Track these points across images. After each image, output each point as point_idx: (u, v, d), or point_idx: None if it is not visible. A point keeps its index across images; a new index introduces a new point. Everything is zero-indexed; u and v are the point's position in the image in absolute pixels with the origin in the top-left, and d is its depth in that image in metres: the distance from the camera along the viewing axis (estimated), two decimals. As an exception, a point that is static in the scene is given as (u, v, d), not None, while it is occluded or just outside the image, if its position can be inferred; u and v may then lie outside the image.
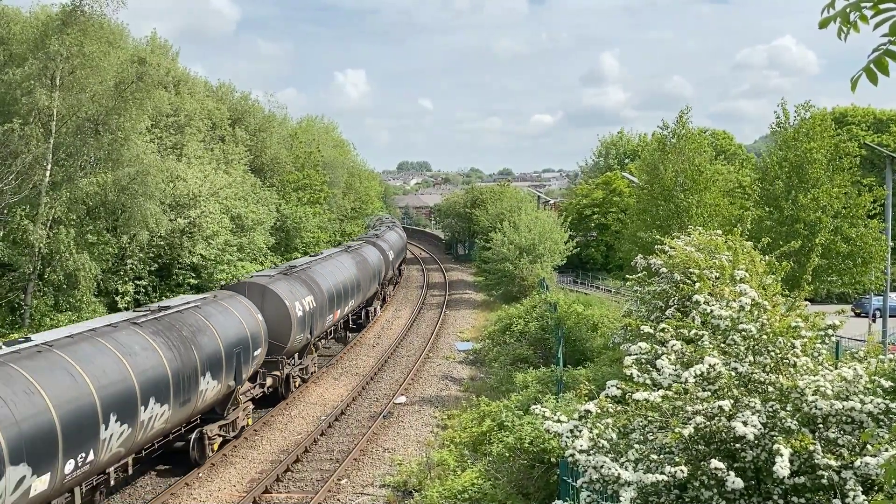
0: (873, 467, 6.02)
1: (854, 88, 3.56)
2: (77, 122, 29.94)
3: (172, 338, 17.99)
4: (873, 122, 61.69)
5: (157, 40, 45.45)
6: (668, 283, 13.13)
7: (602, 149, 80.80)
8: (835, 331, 8.64)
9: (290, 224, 49.68)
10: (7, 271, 29.30)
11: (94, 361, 14.94)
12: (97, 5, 29.55)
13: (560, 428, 7.22)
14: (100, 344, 15.64)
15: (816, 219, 25.37)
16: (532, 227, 49.10)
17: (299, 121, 73.44)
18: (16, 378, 13.01)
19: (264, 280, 26.00)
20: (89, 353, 15.12)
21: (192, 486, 18.91)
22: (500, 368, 29.61)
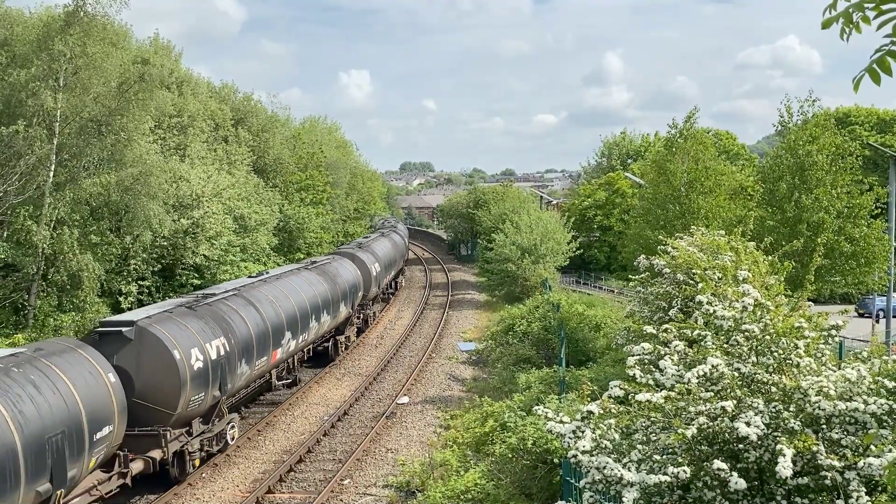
0: (876, 468, 6.01)
1: (857, 89, 3.56)
2: (80, 123, 29.99)
3: (327, 276, 30.34)
4: (876, 122, 61.62)
5: (160, 41, 45.51)
6: (670, 284, 13.12)
7: (605, 149, 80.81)
8: (838, 331, 8.63)
9: (293, 225, 49.72)
10: (11, 272, 29.35)
11: (305, 287, 28.17)
12: (100, 6, 29.61)
13: (563, 428, 7.22)
14: (301, 276, 29.09)
15: (819, 219, 25.33)
16: (534, 228, 49.09)
17: (302, 121, 73.54)
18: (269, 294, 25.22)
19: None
20: (299, 281, 28.38)
21: (194, 486, 18.94)
22: (502, 369, 29.61)
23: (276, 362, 25.36)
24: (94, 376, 15.50)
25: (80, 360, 15.54)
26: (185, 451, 18.80)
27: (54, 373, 14.55)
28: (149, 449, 17.70)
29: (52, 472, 13.81)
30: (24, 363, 14.27)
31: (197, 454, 19.45)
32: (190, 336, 18.99)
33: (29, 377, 13.95)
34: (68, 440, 14.22)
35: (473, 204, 76.51)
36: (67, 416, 14.27)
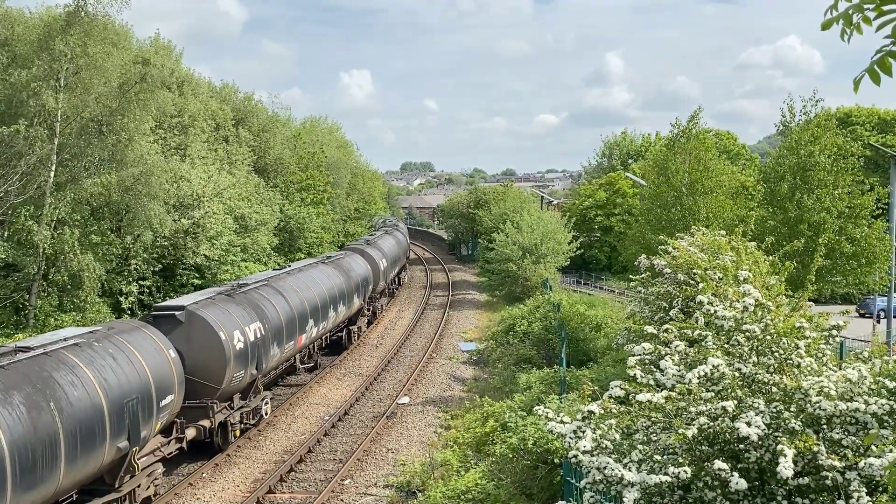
0: (877, 468, 6.01)
1: (857, 89, 3.56)
2: (81, 123, 30.02)
3: (341, 270, 34.24)
4: (877, 122, 61.62)
5: (161, 41, 45.54)
6: (671, 284, 13.12)
7: (605, 149, 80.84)
8: (839, 331, 8.63)
9: (293, 225, 49.74)
10: (12, 272, 29.37)
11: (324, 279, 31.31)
12: (100, 6, 29.64)
13: (563, 429, 7.23)
14: (320, 269, 32.35)
15: (820, 219, 25.32)
16: (535, 228, 49.10)
17: (303, 121, 73.58)
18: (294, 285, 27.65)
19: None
20: (318, 274, 31.48)
21: (195, 485, 18.96)
22: (503, 369, 29.62)
23: (300, 347, 27.67)
24: (158, 352, 17.67)
25: (146, 337, 17.76)
26: (227, 422, 21.07)
27: (127, 347, 16.72)
28: (199, 419, 19.80)
29: (129, 432, 15.87)
30: (102, 339, 16.43)
31: (238, 425, 21.81)
32: (232, 320, 21.23)
33: (108, 350, 16.08)
34: (141, 405, 16.33)
35: (474, 204, 76.53)
36: (140, 385, 16.37)
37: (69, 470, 14.09)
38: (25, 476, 12.83)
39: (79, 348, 15.60)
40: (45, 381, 14.04)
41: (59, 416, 13.84)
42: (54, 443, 13.60)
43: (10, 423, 12.60)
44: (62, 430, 13.84)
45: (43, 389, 13.83)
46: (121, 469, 16.09)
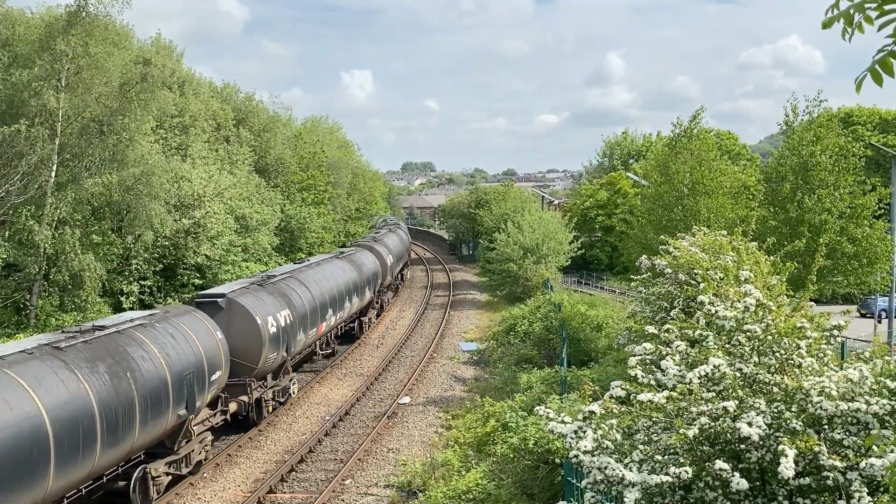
0: (879, 468, 6.00)
1: (858, 89, 3.55)
2: (82, 123, 30.03)
3: (354, 265, 36.88)
4: (879, 122, 61.55)
5: (162, 41, 45.54)
6: (672, 284, 13.11)
7: (606, 149, 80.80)
8: (840, 331, 8.61)
9: (294, 224, 49.75)
10: (13, 271, 29.39)
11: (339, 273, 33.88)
12: (102, 6, 29.65)
13: (564, 429, 7.22)
14: (335, 263, 34.81)
15: (822, 220, 25.29)
16: (536, 228, 49.09)
17: (304, 121, 73.60)
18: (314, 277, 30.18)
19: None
20: (334, 268, 33.83)
21: (196, 485, 18.96)
22: (504, 369, 29.60)
23: (321, 334, 30.34)
24: (208, 333, 19.97)
25: (198, 320, 20.09)
26: (262, 399, 23.52)
27: (183, 328, 18.93)
28: (239, 395, 22.27)
29: (187, 401, 18.04)
30: (162, 320, 18.63)
31: (270, 402, 24.21)
32: (265, 307, 23.68)
33: (168, 330, 18.28)
34: (196, 378, 18.49)
35: (475, 204, 76.52)
36: (195, 361, 18.54)
37: (142, 432, 16.25)
38: (110, 434, 15.02)
39: (144, 328, 17.74)
40: (122, 354, 16.22)
41: (135, 384, 16.06)
42: (131, 407, 15.79)
43: (97, 388, 14.80)
44: (137, 396, 16.01)
45: (121, 361, 16.01)
46: (179, 434, 18.27)
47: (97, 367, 15.12)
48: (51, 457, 13.18)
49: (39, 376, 13.70)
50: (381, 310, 45.41)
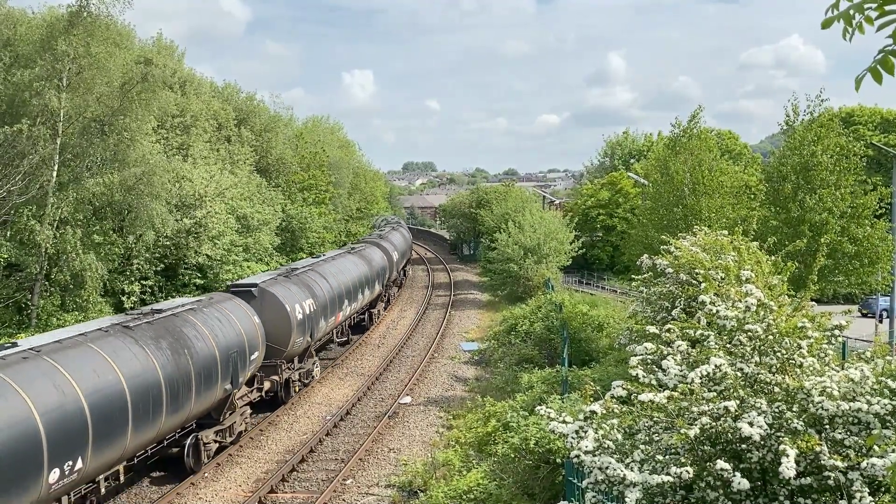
0: (880, 468, 6.00)
1: (858, 87, 3.55)
2: (84, 123, 30.03)
3: (365, 260, 39.71)
4: (880, 121, 61.50)
5: (163, 41, 45.55)
6: (673, 284, 13.11)
7: (607, 149, 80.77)
8: (841, 331, 8.60)
9: (295, 224, 49.74)
10: (14, 271, 29.39)
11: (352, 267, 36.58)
12: (103, 6, 29.66)
13: (565, 428, 7.22)
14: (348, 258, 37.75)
15: (823, 220, 25.27)
16: (537, 228, 49.06)
17: (305, 121, 73.60)
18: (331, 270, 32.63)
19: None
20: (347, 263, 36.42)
21: (197, 485, 18.96)
22: (505, 369, 29.60)
23: (338, 323, 32.94)
24: (248, 317, 22.49)
25: (238, 305, 22.58)
26: (289, 379, 26.02)
27: (227, 312, 21.38)
28: (271, 375, 24.69)
29: (232, 377, 20.35)
30: (208, 305, 21.07)
31: (297, 382, 26.87)
32: (293, 296, 26.18)
33: (214, 314, 20.63)
34: (239, 357, 20.90)
35: (476, 204, 76.51)
36: (237, 341, 20.96)
37: (196, 402, 18.48)
38: (173, 402, 17.14)
39: (195, 311, 19.98)
40: (179, 333, 18.41)
41: (191, 360, 18.23)
42: (189, 380, 17.97)
43: (162, 362, 17.01)
44: (193, 371, 18.19)
45: (179, 340, 18.19)
46: (225, 406, 20.60)
47: (161, 344, 17.43)
48: (129, 418, 15.46)
49: (117, 350, 15.96)
50: (387, 303, 48.12)
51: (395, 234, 60.00)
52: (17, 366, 13.62)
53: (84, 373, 14.61)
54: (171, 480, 19.11)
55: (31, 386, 13.28)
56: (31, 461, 12.83)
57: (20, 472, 12.54)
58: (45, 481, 13.13)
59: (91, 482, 15.23)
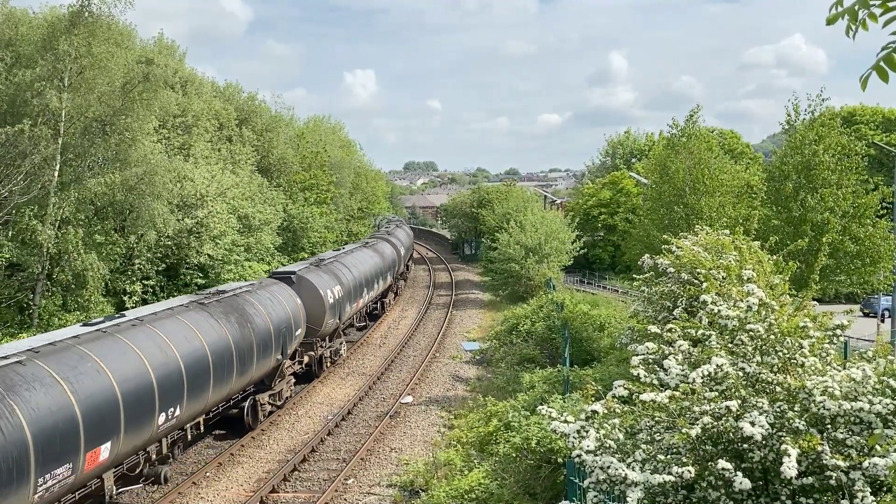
0: (881, 468, 5.99)
1: (864, 87, 3.53)
2: (85, 123, 30.06)
3: (378, 253, 43.52)
4: (881, 121, 61.45)
5: (164, 41, 45.58)
6: (675, 284, 13.09)
7: (609, 148, 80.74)
8: (843, 331, 8.58)
9: (296, 224, 49.76)
10: (16, 271, 29.41)
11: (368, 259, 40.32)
12: (105, 6, 29.68)
13: (567, 428, 7.21)
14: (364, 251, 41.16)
15: (824, 219, 25.25)
16: (538, 227, 49.04)
17: (306, 121, 73.61)
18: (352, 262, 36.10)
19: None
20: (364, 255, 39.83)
21: (199, 485, 18.97)
22: (506, 368, 29.59)
23: (358, 309, 36.69)
24: (293, 299, 25.98)
25: (283, 289, 25.97)
26: (322, 356, 29.90)
27: (276, 294, 24.78)
28: (308, 351, 28.35)
29: (282, 348, 23.76)
30: (259, 288, 24.38)
31: (328, 359, 30.68)
32: (325, 282, 29.94)
33: (265, 295, 23.98)
34: (287, 332, 24.25)
35: (477, 203, 76.49)
36: (286, 318, 24.38)
37: (257, 368, 21.72)
38: (240, 367, 20.40)
39: (251, 292, 23.37)
40: (243, 310, 21.68)
41: (253, 332, 21.47)
42: (251, 349, 21.19)
43: (232, 333, 20.23)
44: (255, 341, 21.43)
45: (243, 315, 21.44)
46: (276, 374, 24.12)
47: (230, 318, 20.70)
48: (210, 378, 18.68)
49: (198, 322, 19.22)
50: (396, 294, 51.95)
51: (399, 232, 63.63)
52: (130, 331, 16.79)
53: (178, 338, 17.86)
54: (171, 483, 19.12)
55: (143, 347, 16.46)
56: (149, 406, 16.05)
57: (142, 413, 15.73)
58: (156, 422, 16.36)
59: (181, 429, 18.44)
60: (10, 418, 12.16)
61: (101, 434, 14.30)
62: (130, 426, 15.27)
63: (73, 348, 14.89)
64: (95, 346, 15.32)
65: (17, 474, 12.04)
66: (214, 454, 21.05)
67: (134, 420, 15.38)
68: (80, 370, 14.33)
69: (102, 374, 14.77)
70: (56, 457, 12.94)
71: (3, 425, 12.01)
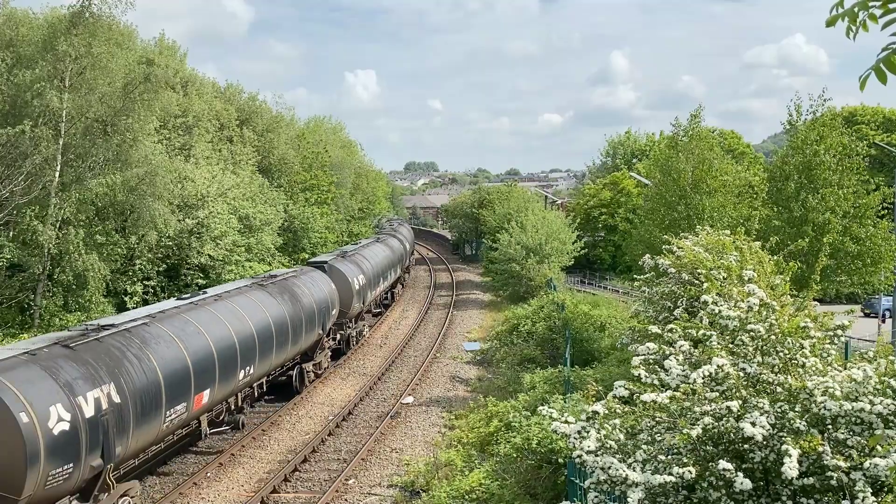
0: (883, 469, 5.99)
1: (863, 87, 3.53)
2: (86, 124, 30.08)
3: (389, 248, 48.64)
4: (882, 121, 61.45)
5: (165, 41, 45.61)
6: (675, 284, 13.10)
7: (609, 149, 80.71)
8: (844, 331, 8.58)
9: (297, 224, 49.78)
10: (17, 272, 29.44)
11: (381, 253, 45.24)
12: (105, 7, 29.70)
13: (568, 428, 7.21)
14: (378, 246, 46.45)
15: (825, 220, 25.23)
16: (539, 228, 49.04)
17: (307, 121, 73.65)
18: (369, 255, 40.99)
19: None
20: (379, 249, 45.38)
21: (200, 485, 18.97)
22: (507, 369, 29.59)
23: (376, 296, 41.51)
24: (328, 283, 30.22)
25: (320, 275, 30.34)
26: (349, 335, 34.21)
27: (315, 279, 29.06)
28: (340, 330, 32.82)
29: (322, 324, 27.90)
30: (301, 274, 28.50)
31: (355, 338, 35.30)
32: (352, 271, 34.54)
33: (307, 280, 28.12)
34: (325, 311, 28.37)
35: (478, 204, 76.50)
36: (324, 299, 28.42)
37: (304, 339, 26.06)
38: (293, 337, 24.61)
39: (297, 276, 27.69)
40: (293, 291, 25.91)
41: (301, 310, 25.51)
42: (300, 323, 25.22)
43: (286, 309, 24.29)
44: (303, 317, 25.49)
45: (293, 295, 25.64)
46: (317, 346, 28.28)
47: (284, 297, 24.86)
48: (274, 343, 22.79)
49: (262, 299, 23.44)
50: (403, 285, 56.56)
51: (402, 228, 70.36)
52: (215, 304, 20.70)
53: (250, 311, 21.89)
54: (175, 478, 19.13)
55: (226, 317, 20.43)
56: (233, 363, 19.86)
57: (229, 368, 19.58)
58: (237, 377, 20.25)
59: (250, 387, 22.28)
60: (148, 364, 16.03)
61: (203, 383, 18.15)
62: (222, 378, 19.22)
63: (179, 315, 18.74)
64: (194, 314, 19.30)
65: (155, 406, 15.98)
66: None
67: (224, 374, 19.33)
68: (188, 332, 18.24)
69: (202, 335, 18.65)
70: (176, 396, 16.82)
71: (146, 368, 15.92)
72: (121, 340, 15.84)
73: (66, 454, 13.12)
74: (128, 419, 14.94)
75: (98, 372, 14.44)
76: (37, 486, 12.59)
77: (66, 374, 13.66)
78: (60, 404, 13.12)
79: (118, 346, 15.57)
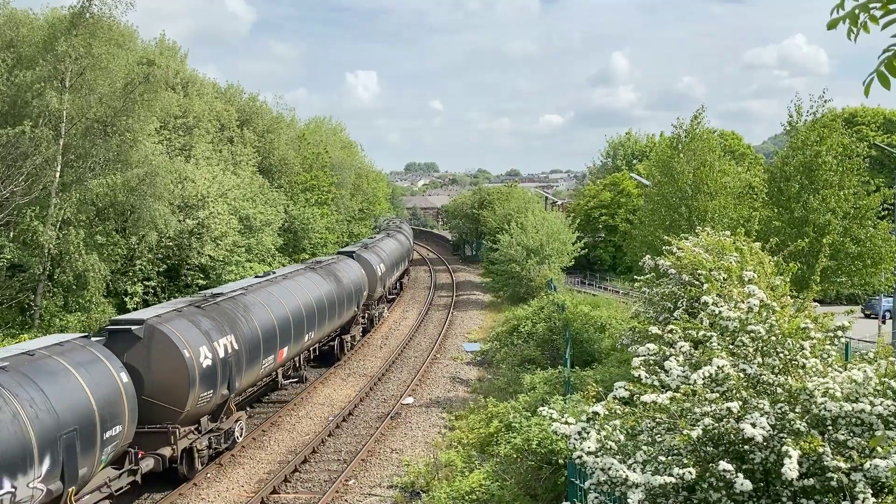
0: (883, 470, 5.99)
1: (867, 92, 3.53)
2: (86, 124, 30.08)
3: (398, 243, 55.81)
4: (883, 122, 61.46)
5: (166, 42, 45.63)
6: (676, 285, 13.10)
7: (610, 149, 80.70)
8: (844, 332, 8.59)
9: (298, 225, 49.78)
10: (17, 272, 29.44)
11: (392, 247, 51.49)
12: (105, 7, 29.71)
13: (568, 429, 7.22)
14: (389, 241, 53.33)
15: (826, 221, 25.22)
16: (539, 228, 49.02)
17: (307, 122, 73.66)
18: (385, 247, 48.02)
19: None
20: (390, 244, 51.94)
21: (200, 486, 18.97)
22: (507, 369, 29.57)
23: (391, 283, 47.15)
24: (359, 269, 36.45)
25: (352, 262, 36.20)
26: (373, 315, 40.34)
27: (349, 265, 34.91)
28: (367, 310, 38.48)
29: (357, 303, 33.71)
30: (338, 261, 34.27)
31: (377, 318, 41.10)
32: (375, 259, 41.01)
33: (344, 265, 34.12)
34: (359, 292, 34.78)
35: (478, 204, 76.46)
36: (357, 282, 34.32)
37: (346, 314, 31.52)
38: (338, 311, 30.05)
39: (335, 262, 33.48)
40: (335, 273, 31.46)
41: (343, 289, 30.96)
42: (343, 300, 30.89)
43: (332, 288, 29.86)
44: (344, 296, 30.90)
45: (336, 277, 31.24)
46: (353, 321, 33.82)
47: (329, 278, 30.21)
48: (326, 314, 28.36)
49: (315, 279, 29.00)
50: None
51: (403, 227, 75.37)
52: (285, 282, 26.48)
53: (309, 287, 27.66)
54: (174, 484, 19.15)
55: (294, 291, 26.20)
56: (301, 327, 25.44)
57: (299, 331, 25.21)
58: (304, 339, 26.14)
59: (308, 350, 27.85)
60: (251, 323, 21.53)
61: (284, 340, 23.63)
62: (295, 339, 24.81)
63: (262, 288, 24.24)
64: (272, 288, 24.79)
65: (257, 354, 21.51)
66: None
67: (297, 335, 24.91)
68: (271, 301, 23.66)
69: (281, 305, 24.17)
70: (269, 349, 22.36)
71: (250, 326, 21.28)
72: (231, 304, 21.30)
73: (209, 383, 18.22)
74: (242, 362, 20.21)
75: (223, 325, 19.77)
76: (192, 403, 17.65)
77: (204, 325, 18.90)
78: (205, 346, 18.32)
79: (230, 309, 21.02)
